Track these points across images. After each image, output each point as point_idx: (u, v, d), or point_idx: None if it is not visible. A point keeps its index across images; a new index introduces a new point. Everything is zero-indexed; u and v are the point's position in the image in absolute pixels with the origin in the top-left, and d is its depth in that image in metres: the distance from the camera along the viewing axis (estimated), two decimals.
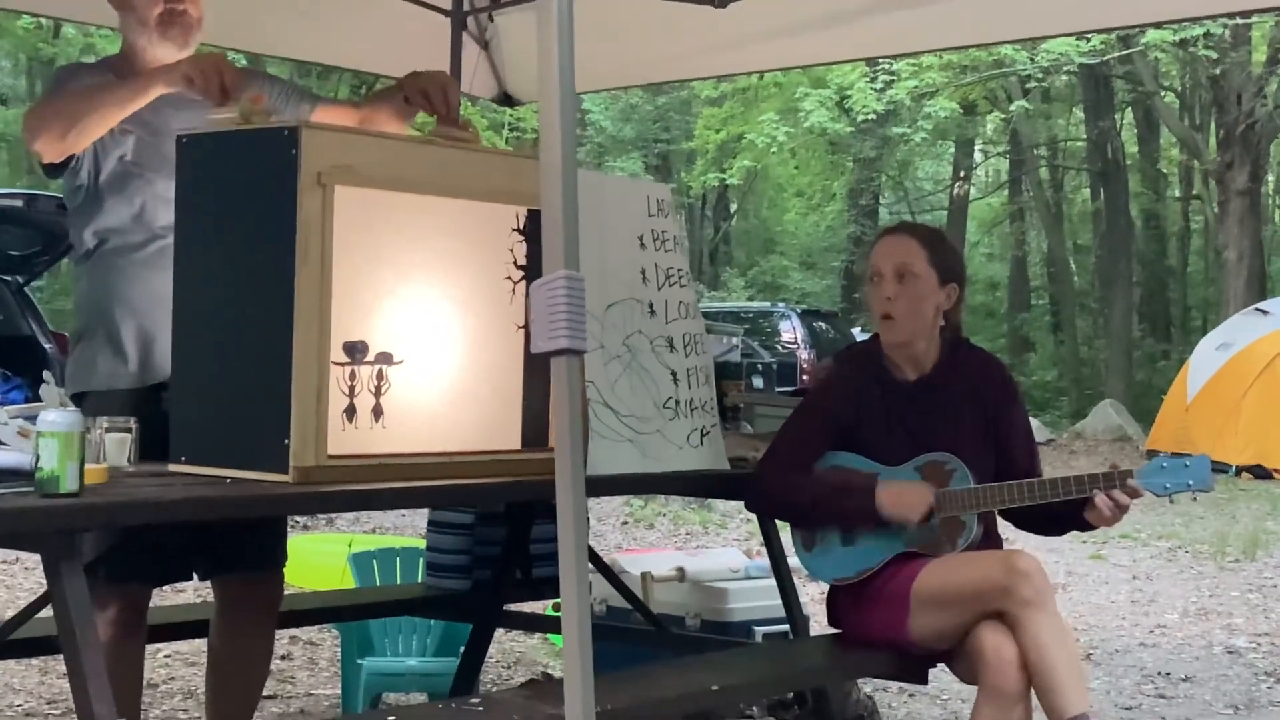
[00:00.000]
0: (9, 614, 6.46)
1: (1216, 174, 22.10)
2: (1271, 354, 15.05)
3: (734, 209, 35.04)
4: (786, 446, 3.68)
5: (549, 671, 5.49)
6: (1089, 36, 18.32)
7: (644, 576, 4.67)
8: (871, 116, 22.24)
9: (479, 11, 5.33)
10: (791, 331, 19.60)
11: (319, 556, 6.67)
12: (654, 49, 5.55)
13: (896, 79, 20.87)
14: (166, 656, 5.69)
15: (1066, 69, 22.11)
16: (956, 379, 3.67)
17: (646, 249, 3.59)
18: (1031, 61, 20.69)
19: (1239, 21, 18.36)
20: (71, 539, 2.57)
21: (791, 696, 4.50)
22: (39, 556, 2.60)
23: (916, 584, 3.52)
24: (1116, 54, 21.21)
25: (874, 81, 21.22)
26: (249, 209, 2.92)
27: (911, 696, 5.46)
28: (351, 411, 2.93)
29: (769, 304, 22.51)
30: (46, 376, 2.77)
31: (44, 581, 2.64)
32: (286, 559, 3.65)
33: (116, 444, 2.89)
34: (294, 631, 5.98)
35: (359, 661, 4.78)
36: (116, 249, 3.40)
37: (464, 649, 4.47)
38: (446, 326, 3.10)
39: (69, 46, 21.13)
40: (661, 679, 3.43)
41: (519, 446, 3.23)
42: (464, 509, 4.48)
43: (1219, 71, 21.38)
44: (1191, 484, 3.45)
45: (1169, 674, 6.10)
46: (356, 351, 2.93)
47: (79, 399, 3.05)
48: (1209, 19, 15.74)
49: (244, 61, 11.61)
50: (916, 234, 3.71)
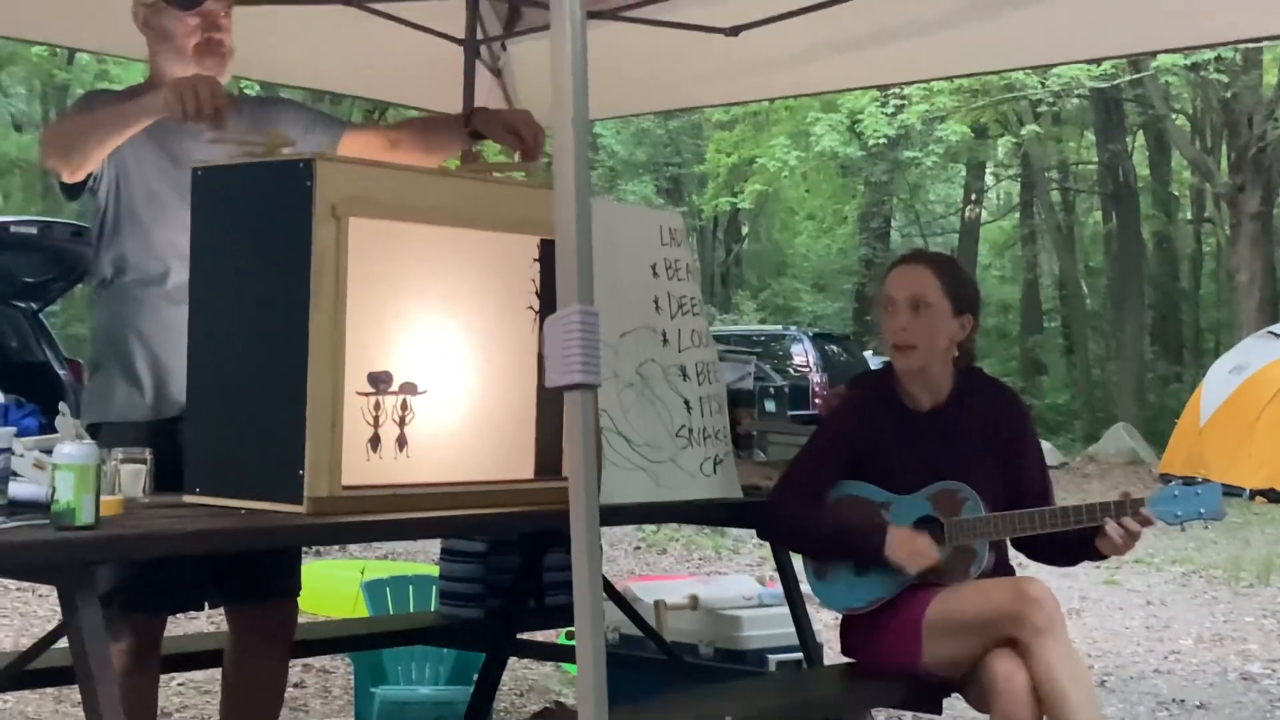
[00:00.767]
0: (23, 640, 6.45)
1: (1228, 197, 22.09)
2: None
3: (745, 232, 35.07)
4: (799, 476, 3.68)
5: (562, 701, 5.48)
6: (1100, 60, 18.32)
7: (657, 605, 4.66)
8: (882, 140, 22.28)
9: (492, 40, 5.34)
10: (803, 354, 19.61)
11: (332, 582, 6.69)
12: (666, 76, 5.55)
13: (908, 103, 20.88)
14: (180, 685, 5.69)
15: (1077, 92, 22.10)
16: (969, 408, 3.67)
17: (659, 277, 3.59)
18: (1042, 85, 20.69)
19: (1250, 46, 18.36)
20: (87, 571, 2.58)
21: None
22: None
23: (929, 613, 3.52)
24: (1127, 78, 21.21)
25: (885, 106, 21.24)
26: (264, 240, 2.94)
27: None
28: (376, 441, 2.95)
29: (781, 327, 22.51)
30: (62, 408, 2.78)
31: (59, 608, 2.64)
32: (300, 588, 3.65)
33: (132, 475, 2.89)
34: (307, 660, 5.98)
35: (372, 690, 4.79)
36: (135, 281, 3.41)
37: (477, 677, 4.46)
38: (469, 357, 3.11)
39: (83, 73, 21.25)
40: (676, 710, 3.43)
41: (532, 475, 3.23)
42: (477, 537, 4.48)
43: (1230, 95, 21.40)
44: (1203, 512, 3.45)
45: (1183, 700, 6.07)
46: (381, 382, 2.95)
47: (94, 429, 3.05)
48: (1223, 45, 15.69)
49: (257, 90, 11.69)
50: (931, 263, 3.71)
